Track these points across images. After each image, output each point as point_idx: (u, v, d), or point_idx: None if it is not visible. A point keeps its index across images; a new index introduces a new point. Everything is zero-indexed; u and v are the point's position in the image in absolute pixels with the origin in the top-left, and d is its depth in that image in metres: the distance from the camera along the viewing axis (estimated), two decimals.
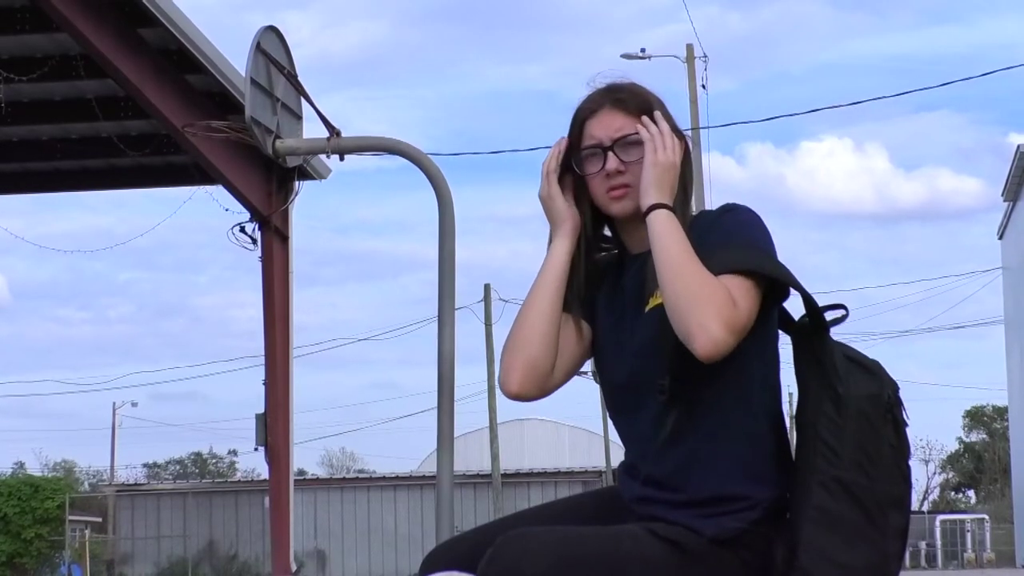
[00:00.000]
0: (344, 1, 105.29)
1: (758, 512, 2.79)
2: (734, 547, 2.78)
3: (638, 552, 2.73)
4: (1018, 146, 39.76)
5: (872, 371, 2.81)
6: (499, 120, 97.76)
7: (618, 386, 2.91)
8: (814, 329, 2.82)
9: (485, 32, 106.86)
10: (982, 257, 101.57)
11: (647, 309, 2.84)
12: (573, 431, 52.67)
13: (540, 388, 2.89)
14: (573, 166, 2.95)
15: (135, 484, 45.32)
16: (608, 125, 2.91)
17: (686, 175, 2.91)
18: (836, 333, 2.86)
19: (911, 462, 2.81)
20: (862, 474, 2.73)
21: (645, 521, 2.81)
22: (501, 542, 2.67)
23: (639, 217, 2.85)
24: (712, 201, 30.30)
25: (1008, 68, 26.90)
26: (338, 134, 13.95)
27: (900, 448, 2.79)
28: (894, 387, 2.82)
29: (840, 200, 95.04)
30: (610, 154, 2.90)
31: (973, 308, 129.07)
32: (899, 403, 2.82)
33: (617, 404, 2.93)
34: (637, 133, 2.89)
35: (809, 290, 2.84)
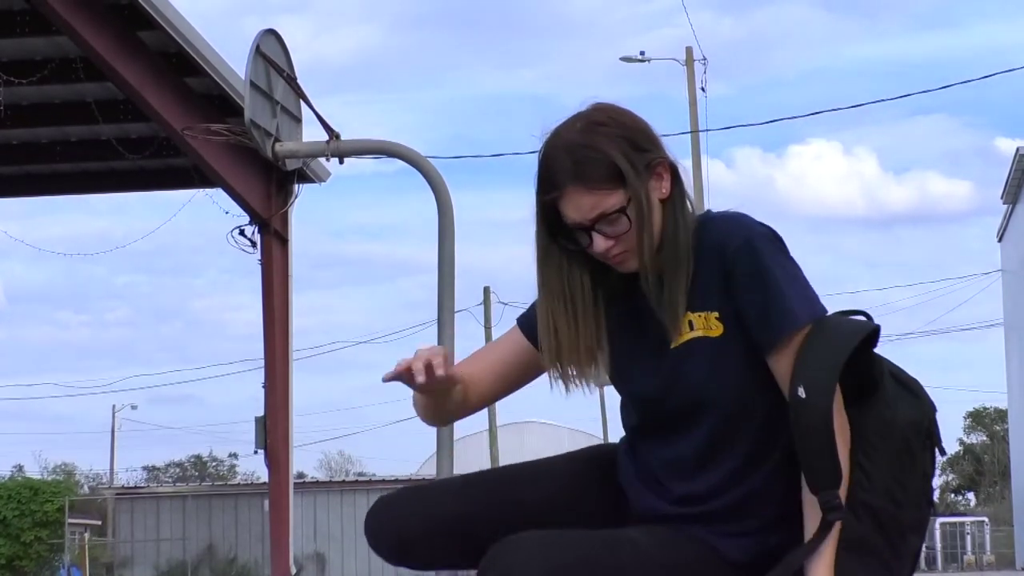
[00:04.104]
0: (339, 6, 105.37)
1: (778, 537, 2.75)
2: (747, 571, 2.75)
3: (642, 561, 2.70)
4: (1017, 148, 39.78)
5: (917, 394, 2.74)
6: (495, 124, 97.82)
7: (653, 411, 2.80)
8: (863, 346, 2.69)
9: (480, 37, 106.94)
10: (975, 260, 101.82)
11: (683, 340, 2.73)
12: (573, 434, 52.66)
13: (450, 421, 2.96)
14: (560, 237, 2.77)
15: (134, 487, 45.30)
16: (578, 206, 2.67)
17: (678, 197, 2.75)
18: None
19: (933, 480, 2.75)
20: (891, 502, 2.67)
21: (650, 525, 2.78)
22: (495, 549, 2.63)
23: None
24: (710, 206, 30.30)
25: (1008, 71, 26.94)
26: (337, 137, 13.97)
27: (931, 474, 2.74)
28: (933, 411, 2.75)
29: (832, 204, 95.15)
30: (595, 235, 2.69)
31: (970, 311, 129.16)
32: (937, 428, 2.75)
33: (648, 425, 2.83)
34: (614, 210, 2.66)
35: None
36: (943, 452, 2.76)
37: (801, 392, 2.61)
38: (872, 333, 2.70)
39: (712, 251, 2.74)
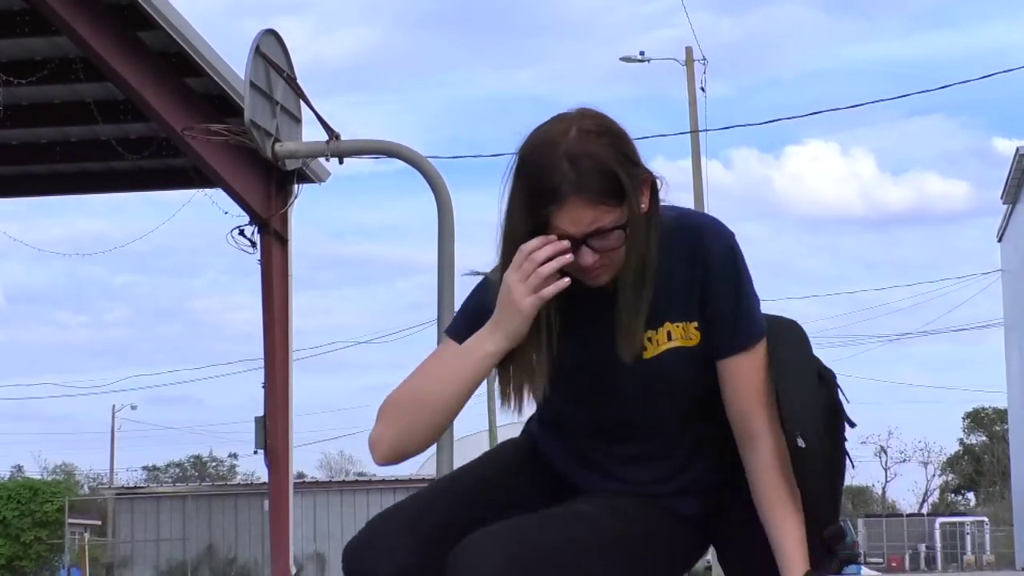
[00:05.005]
0: (338, 7, 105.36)
1: (722, 496, 2.92)
2: (697, 521, 2.92)
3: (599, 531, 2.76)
4: (1017, 148, 39.81)
5: (828, 381, 2.92)
6: (494, 125, 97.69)
7: (615, 417, 2.83)
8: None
9: (480, 37, 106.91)
10: (973, 261, 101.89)
11: (662, 350, 2.76)
12: None
13: (404, 460, 2.80)
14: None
15: (134, 487, 45.31)
16: (578, 219, 2.58)
17: (653, 213, 2.70)
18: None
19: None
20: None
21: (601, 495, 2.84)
22: (457, 550, 2.65)
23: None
24: (708, 206, 30.30)
25: (1007, 71, 26.94)
26: (337, 137, 13.98)
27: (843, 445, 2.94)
28: (836, 387, 2.94)
29: (830, 204, 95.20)
30: (584, 248, 2.61)
31: (968, 312, 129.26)
32: (842, 405, 2.95)
33: (601, 428, 2.85)
34: (612, 227, 2.61)
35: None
36: (852, 424, 2.93)
37: (800, 443, 2.72)
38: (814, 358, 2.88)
39: (690, 257, 2.76)
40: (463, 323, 2.79)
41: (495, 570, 2.57)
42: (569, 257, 2.60)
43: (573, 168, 2.58)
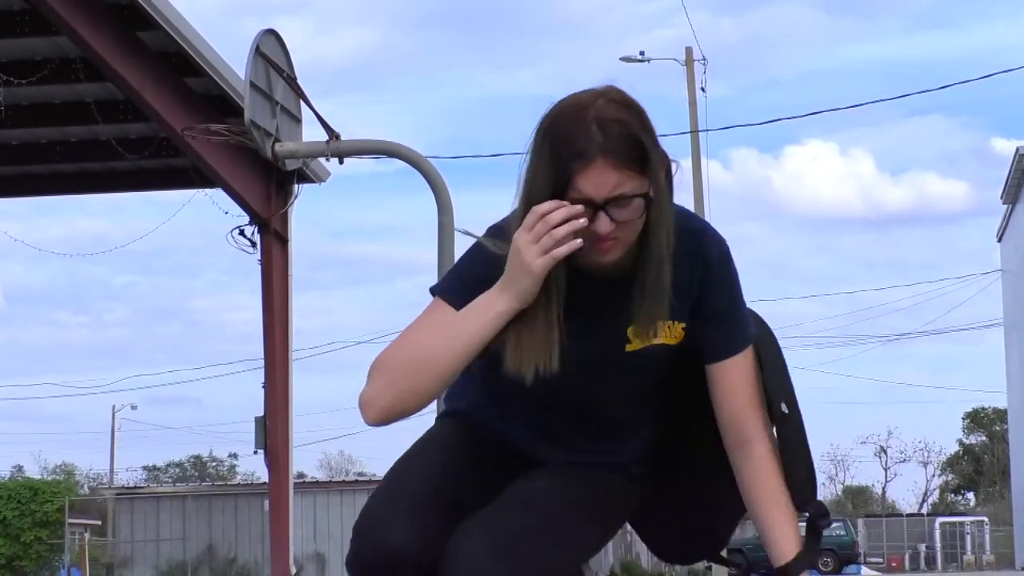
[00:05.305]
0: (338, 7, 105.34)
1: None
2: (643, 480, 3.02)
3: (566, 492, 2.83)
4: (1017, 148, 39.81)
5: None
6: (493, 125, 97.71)
7: (583, 404, 2.86)
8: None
9: (480, 37, 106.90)
10: (972, 261, 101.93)
11: (632, 348, 2.78)
12: None
13: (394, 421, 2.73)
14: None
15: (134, 487, 45.32)
16: (602, 182, 2.56)
17: (669, 199, 2.70)
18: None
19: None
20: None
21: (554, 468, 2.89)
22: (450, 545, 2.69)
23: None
24: (709, 207, 30.30)
25: (1007, 71, 26.93)
26: (337, 137, 13.99)
27: None
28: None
29: (829, 204, 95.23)
30: (602, 215, 2.58)
31: (968, 312, 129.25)
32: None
33: (565, 408, 2.86)
34: (634, 194, 2.59)
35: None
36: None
37: (784, 408, 2.81)
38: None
39: (690, 258, 2.77)
40: (461, 289, 2.74)
41: (486, 564, 2.62)
42: (583, 222, 2.58)
43: (601, 131, 2.57)
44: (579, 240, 2.58)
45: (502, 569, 2.62)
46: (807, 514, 2.83)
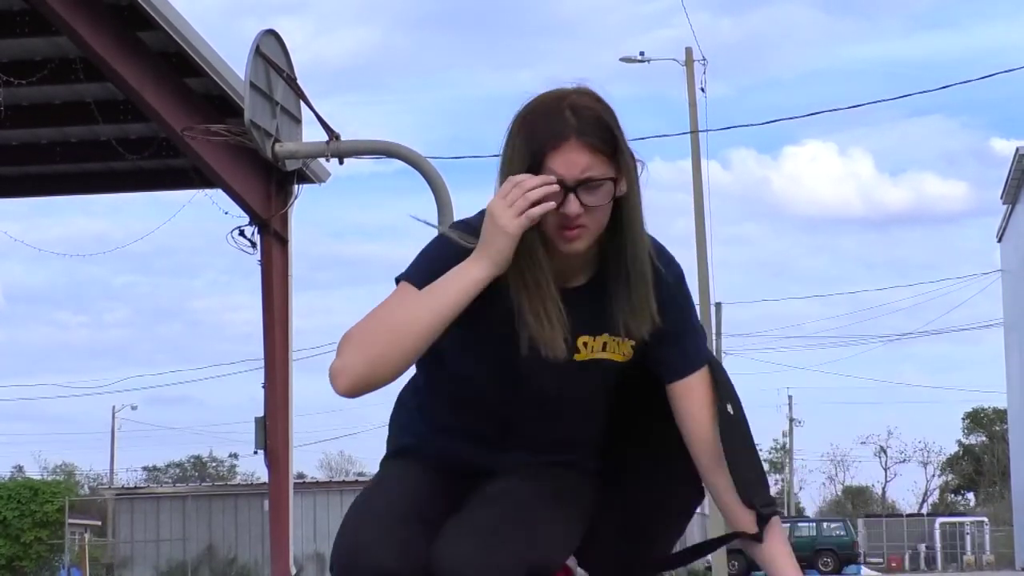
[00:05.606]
0: (337, 7, 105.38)
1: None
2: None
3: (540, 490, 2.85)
4: (1017, 149, 39.81)
5: None
6: (493, 125, 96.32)
7: (524, 411, 2.86)
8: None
9: (479, 37, 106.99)
10: (972, 261, 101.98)
11: (593, 357, 2.81)
12: None
13: (367, 393, 2.75)
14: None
15: (134, 487, 45.30)
16: (573, 163, 2.64)
17: (635, 197, 2.74)
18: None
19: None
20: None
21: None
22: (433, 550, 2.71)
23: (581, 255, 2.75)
24: (709, 207, 30.28)
25: (1006, 71, 26.93)
26: (337, 137, 13.98)
27: None
28: None
29: (829, 204, 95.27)
30: (571, 196, 2.64)
31: (968, 312, 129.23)
32: None
33: (508, 413, 2.87)
34: (603, 177, 2.66)
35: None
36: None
37: (729, 408, 2.83)
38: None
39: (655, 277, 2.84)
40: (428, 275, 2.75)
41: (471, 563, 2.64)
42: (556, 188, 2.63)
43: (575, 115, 2.67)
44: (552, 203, 2.63)
45: (484, 561, 2.64)
46: (763, 510, 2.82)
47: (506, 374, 2.81)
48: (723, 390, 2.86)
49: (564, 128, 2.66)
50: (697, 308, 2.99)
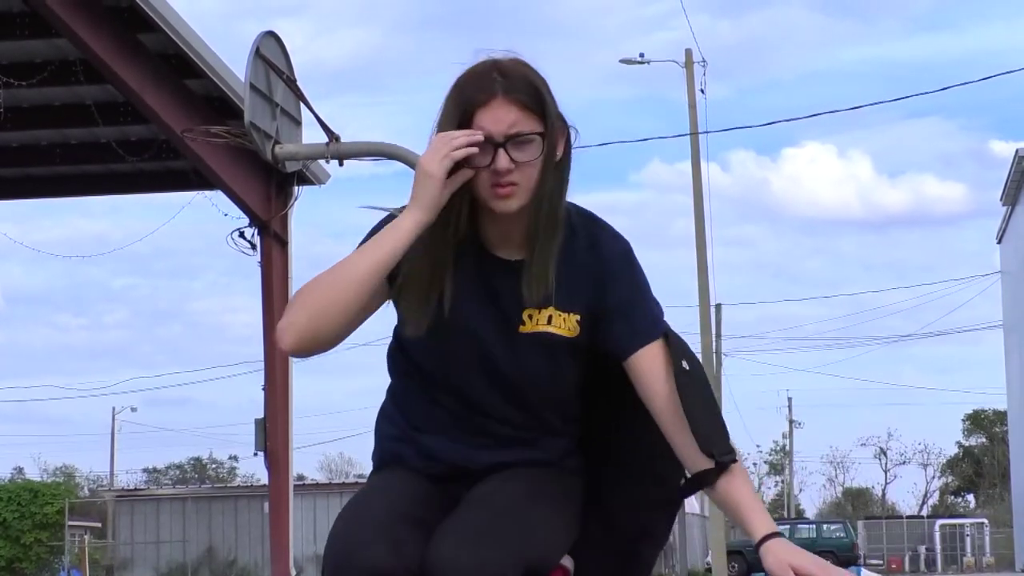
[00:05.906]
0: (337, 9, 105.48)
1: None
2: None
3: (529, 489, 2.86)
4: (1016, 150, 39.82)
5: None
6: None
7: (481, 381, 2.88)
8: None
9: (479, 39, 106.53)
10: (971, 262, 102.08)
11: (538, 329, 2.83)
12: None
13: (314, 351, 2.80)
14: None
15: (134, 489, 45.27)
16: (501, 119, 2.70)
17: (565, 166, 2.80)
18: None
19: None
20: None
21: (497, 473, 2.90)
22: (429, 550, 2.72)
23: (516, 216, 2.77)
24: (709, 208, 30.30)
25: (1005, 73, 26.95)
26: (337, 139, 13.98)
27: None
28: None
29: (828, 205, 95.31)
30: (501, 152, 2.70)
31: (968, 313, 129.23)
32: None
33: (458, 388, 2.89)
34: (532, 132, 2.72)
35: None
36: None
37: (685, 364, 2.81)
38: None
39: (587, 250, 2.85)
40: (367, 240, 2.83)
41: (463, 563, 2.64)
42: (480, 138, 2.68)
43: (502, 75, 2.74)
44: (479, 135, 2.69)
45: (480, 560, 2.65)
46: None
47: (461, 351, 2.83)
48: (677, 350, 2.83)
49: (492, 85, 2.72)
50: (696, 308, 2.98)
